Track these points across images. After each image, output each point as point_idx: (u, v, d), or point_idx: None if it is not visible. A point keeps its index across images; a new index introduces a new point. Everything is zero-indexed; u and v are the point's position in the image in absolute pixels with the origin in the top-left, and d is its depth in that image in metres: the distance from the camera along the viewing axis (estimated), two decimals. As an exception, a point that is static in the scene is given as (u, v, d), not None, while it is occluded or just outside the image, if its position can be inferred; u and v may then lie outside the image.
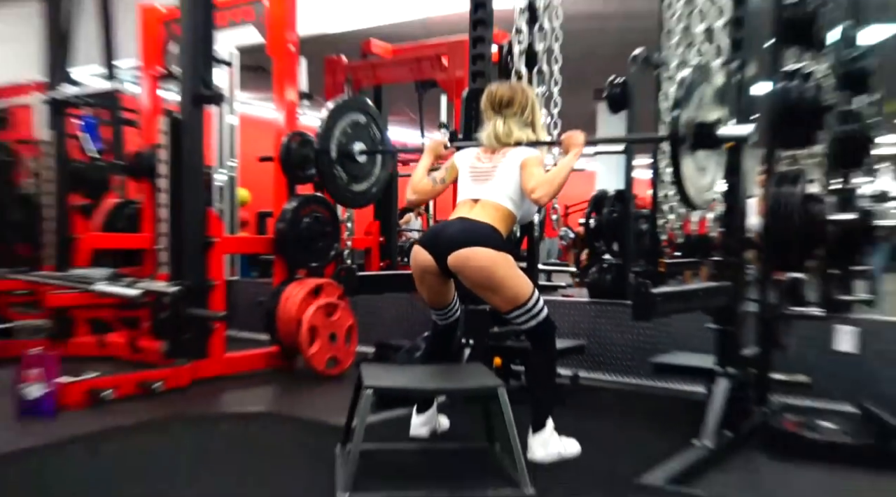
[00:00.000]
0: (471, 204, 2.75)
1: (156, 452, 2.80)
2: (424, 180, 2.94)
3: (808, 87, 3.12)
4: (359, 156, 3.56)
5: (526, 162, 2.71)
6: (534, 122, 2.90)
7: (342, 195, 3.62)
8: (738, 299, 3.01)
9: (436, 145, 3.06)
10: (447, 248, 2.60)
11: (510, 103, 2.85)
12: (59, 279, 4.12)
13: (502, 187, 2.72)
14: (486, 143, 2.85)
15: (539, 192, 2.62)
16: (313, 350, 4.15)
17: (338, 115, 3.48)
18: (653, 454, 2.71)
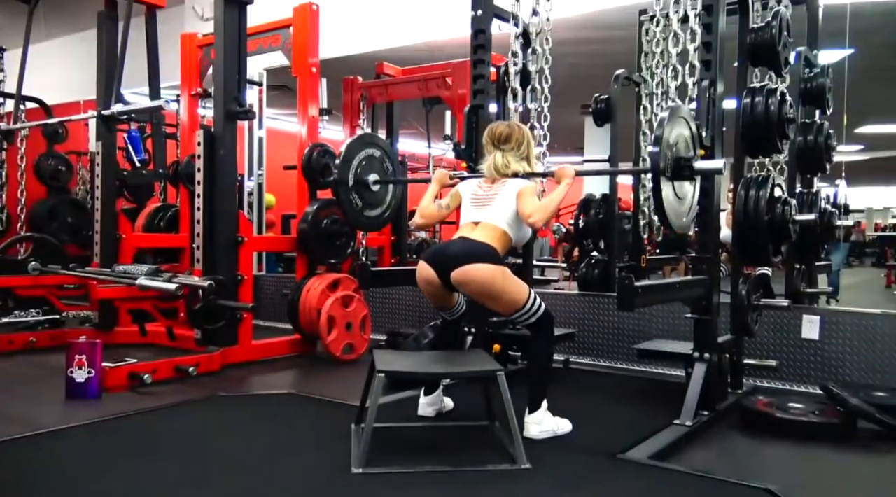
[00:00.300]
0: (471, 226, 2.75)
1: (190, 429, 2.75)
2: (431, 206, 2.95)
3: (772, 102, 3.06)
4: (373, 185, 3.56)
5: (522, 191, 2.71)
6: (528, 156, 2.90)
7: (357, 220, 3.63)
8: (713, 291, 2.93)
9: (441, 176, 3.09)
10: (450, 266, 2.59)
11: (508, 139, 2.85)
12: (105, 275, 4.06)
13: (500, 212, 2.72)
14: (486, 173, 2.86)
15: (535, 216, 2.63)
16: (331, 337, 4.10)
17: (355, 150, 3.49)
18: (637, 432, 2.66)
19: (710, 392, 2.87)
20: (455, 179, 3.10)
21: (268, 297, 5.55)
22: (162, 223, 5.33)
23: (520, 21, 3.82)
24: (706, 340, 2.92)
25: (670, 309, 3.90)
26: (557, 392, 2.88)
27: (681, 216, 2.69)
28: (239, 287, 4.04)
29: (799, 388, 3.56)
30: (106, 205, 4.71)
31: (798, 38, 3.74)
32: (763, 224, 3.03)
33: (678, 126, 2.62)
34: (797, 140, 3.88)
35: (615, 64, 4.94)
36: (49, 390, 3.26)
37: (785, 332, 3.63)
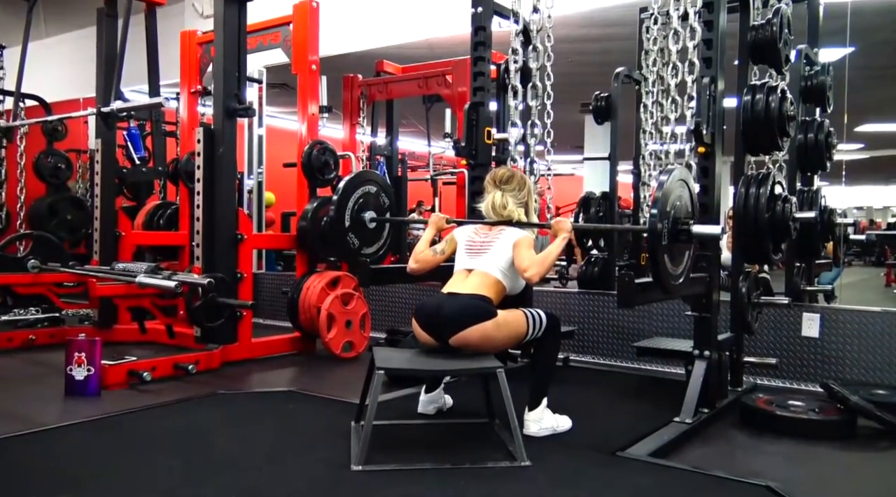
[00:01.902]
0: (465, 274, 2.71)
1: (189, 427, 2.75)
2: (426, 252, 2.93)
3: (772, 100, 3.05)
4: (369, 223, 3.55)
5: (518, 242, 2.68)
6: (528, 203, 2.89)
7: (353, 259, 3.59)
8: (713, 289, 2.93)
9: (438, 220, 3.07)
10: (446, 331, 2.53)
11: (509, 181, 2.85)
12: (105, 272, 4.06)
13: (495, 261, 2.69)
14: (484, 212, 2.85)
15: (531, 271, 2.59)
16: (331, 335, 4.09)
17: (351, 189, 3.49)
18: (637, 429, 2.66)
19: (710, 390, 2.87)
20: (452, 225, 3.09)
21: (267, 294, 5.55)
22: (161, 221, 5.32)
23: (520, 18, 3.81)
24: (706, 338, 2.92)
25: (670, 307, 3.90)
26: (557, 389, 2.86)
27: (676, 279, 2.64)
28: (238, 285, 4.03)
29: (799, 386, 3.56)
30: (105, 202, 4.71)
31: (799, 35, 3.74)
32: (763, 222, 3.02)
33: (677, 189, 2.59)
34: (797, 138, 3.87)
35: (615, 61, 4.93)
36: (48, 388, 3.26)
37: (785, 330, 3.63)
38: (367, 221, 3.54)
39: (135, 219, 5.30)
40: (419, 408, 2.85)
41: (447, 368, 2.60)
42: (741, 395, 3.14)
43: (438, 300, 2.63)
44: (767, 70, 3.70)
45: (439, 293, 2.69)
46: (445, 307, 2.57)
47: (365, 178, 3.63)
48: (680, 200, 2.62)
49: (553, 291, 4.56)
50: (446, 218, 3.10)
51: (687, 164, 3.41)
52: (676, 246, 2.60)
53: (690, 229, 2.57)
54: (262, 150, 6.46)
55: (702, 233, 2.61)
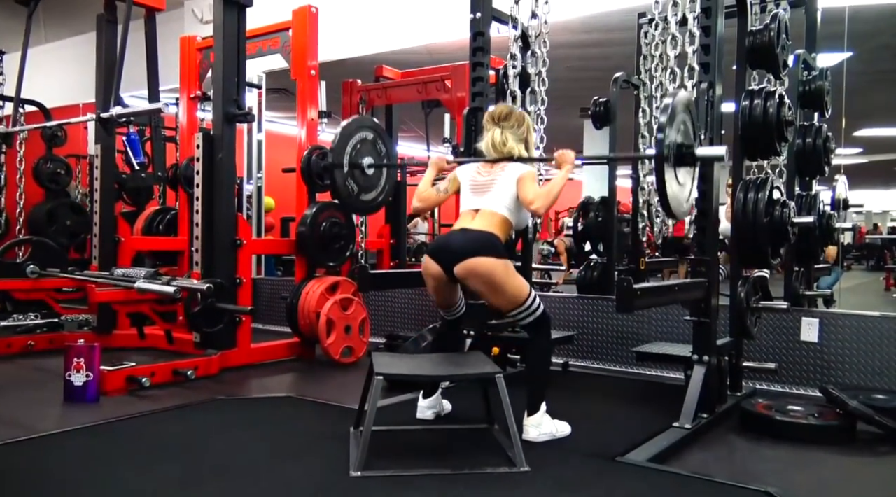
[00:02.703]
0: (472, 214, 2.72)
1: (188, 433, 2.74)
2: (429, 190, 2.93)
3: (771, 105, 3.07)
4: (368, 169, 3.53)
5: (522, 177, 2.68)
6: (527, 139, 2.87)
7: (353, 204, 3.61)
8: (712, 294, 2.93)
9: (439, 160, 3.05)
10: (454, 260, 2.59)
11: (508, 117, 2.83)
12: (104, 278, 4.06)
13: (500, 198, 2.69)
14: (484, 150, 2.83)
15: (537, 203, 2.61)
16: (330, 341, 4.09)
17: (349, 134, 3.45)
18: (636, 434, 2.65)
19: (710, 395, 2.87)
20: (453, 164, 3.06)
21: (266, 300, 5.55)
22: (161, 226, 5.32)
23: (519, 24, 3.82)
24: (705, 343, 2.92)
25: (669, 312, 3.90)
26: (556, 395, 2.87)
27: (682, 203, 2.70)
28: (238, 290, 4.03)
29: (798, 391, 3.56)
30: (105, 208, 4.71)
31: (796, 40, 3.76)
32: (762, 226, 3.03)
33: (680, 113, 2.61)
34: (796, 143, 3.88)
35: (614, 67, 4.95)
36: (47, 394, 3.26)
37: (784, 335, 3.63)
38: (366, 167, 3.54)
39: (134, 224, 5.30)
40: (418, 413, 2.85)
41: (446, 374, 2.60)
42: (741, 399, 3.14)
43: (449, 235, 2.70)
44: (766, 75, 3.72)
45: (450, 231, 2.73)
46: (456, 238, 2.64)
47: (362, 124, 3.60)
48: (684, 124, 2.65)
49: (553, 296, 4.56)
50: (446, 158, 3.07)
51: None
52: (681, 170, 2.64)
53: (695, 152, 2.61)
54: (262, 155, 6.47)
55: (706, 155, 2.67)
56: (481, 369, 2.46)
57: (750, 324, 3.28)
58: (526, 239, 3.69)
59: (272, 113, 9.41)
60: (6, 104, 6.44)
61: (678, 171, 2.65)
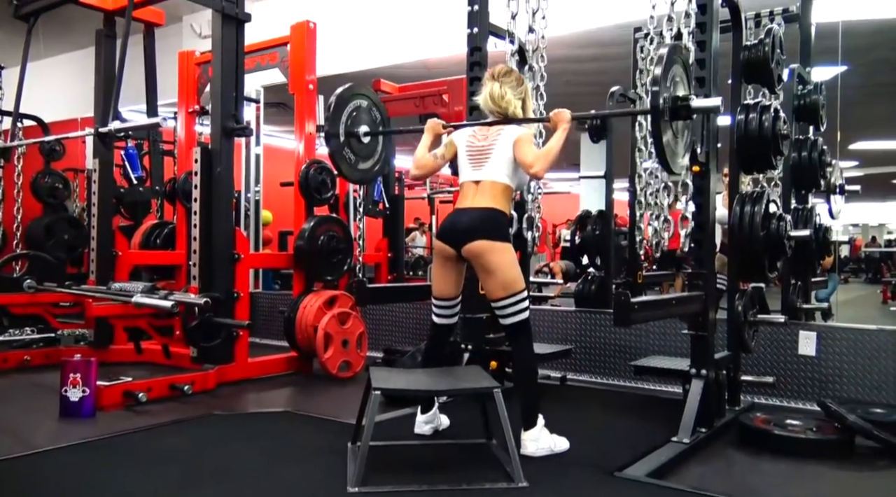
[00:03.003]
0: (473, 188, 2.74)
1: (184, 448, 2.73)
2: (426, 157, 2.92)
3: (766, 119, 3.08)
4: (364, 137, 3.54)
5: (519, 139, 2.69)
6: (525, 99, 2.87)
7: (352, 173, 3.59)
8: (710, 307, 2.94)
9: (434, 125, 3.03)
10: (461, 241, 2.66)
11: (508, 75, 2.84)
12: (101, 292, 4.05)
13: (499, 165, 2.71)
14: (481, 104, 2.84)
15: (536, 166, 2.63)
16: (328, 355, 4.08)
17: (343, 102, 3.45)
18: (634, 449, 2.64)
19: (708, 409, 2.86)
20: (448, 129, 3.03)
21: (264, 314, 5.54)
22: (158, 240, 5.32)
23: (515, 38, 3.85)
24: (703, 357, 2.91)
25: (667, 325, 3.90)
26: (554, 409, 2.86)
27: (677, 156, 2.68)
28: (235, 304, 4.02)
29: (796, 405, 3.55)
30: (102, 222, 4.70)
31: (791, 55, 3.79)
32: (759, 239, 3.04)
33: (674, 65, 2.61)
34: (791, 156, 3.91)
35: (610, 81, 4.98)
36: (43, 409, 3.24)
37: (782, 348, 3.62)
38: (361, 136, 3.54)
39: (132, 238, 5.30)
40: (415, 428, 2.84)
41: (443, 388, 2.59)
42: (739, 413, 3.13)
43: (455, 217, 2.74)
44: (761, 89, 3.74)
45: (455, 210, 2.78)
46: (463, 219, 2.69)
47: (355, 92, 3.59)
48: (679, 78, 2.64)
49: (550, 310, 4.56)
50: (442, 123, 3.05)
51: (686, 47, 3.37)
52: (677, 125, 2.63)
53: (690, 104, 2.60)
54: (260, 168, 6.48)
55: (702, 106, 2.65)
56: (479, 384, 2.46)
57: (748, 337, 3.28)
58: (525, 252, 3.70)
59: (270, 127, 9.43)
60: (4, 119, 6.46)
61: (673, 126, 2.64)
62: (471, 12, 3.56)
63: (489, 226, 2.64)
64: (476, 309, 3.38)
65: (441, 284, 2.83)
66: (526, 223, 3.68)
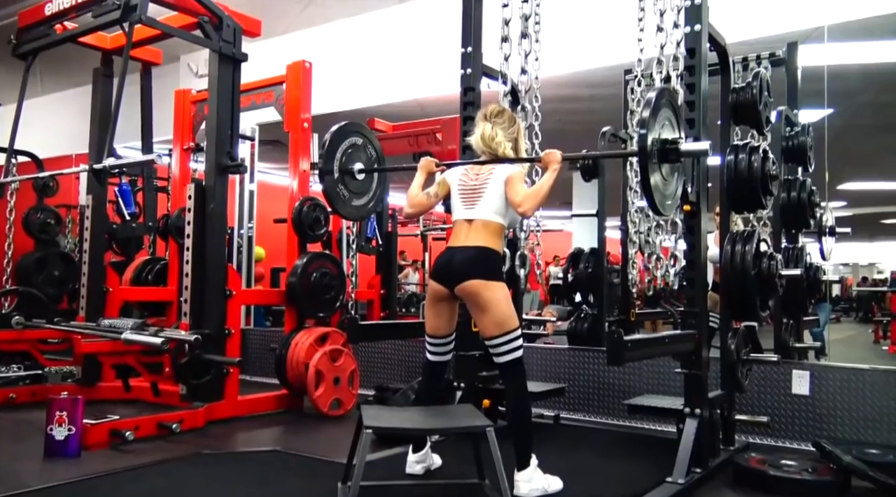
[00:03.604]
0: (466, 227, 2.75)
1: (171, 489, 2.68)
2: (419, 196, 2.94)
3: (755, 159, 3.13)
4: (358, 174, 3.57)
5: (511, 178, 2.71)
6: (517, 140, 2.91)
7: (346, 210, 3.61)
8: (703, 346, 2.94)
9: (427, 163, 3.05)
10: (455, 281, 2.68)
11: (500, 115, 2.87)
12: (91, 329, 4.01)
13: (490, 204, 2.74)
14: (473, 145, 2.87)
15: (525, 205, 2.64)
16: (319, 392, 4.04)
17: (338, 139, 3.50)
18: (629, 489, 2.62)
19: (702, 448, 2.84)
20: (441, 167, 3.06)
21: (255, 351, 5.49)
22: (150, 276, 5.29)
23: (508, 79, 3.92)
24: (697, 396, 2.90)
25: (660, 364, 3.88)
26: (547, 448, 2.83)
27: (666, 199, 2.69)
28: (226, 341, 3.99)
29: (791, 445, 3.53)
30: (94, 258, 4.69)
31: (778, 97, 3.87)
32: (750, 278, 3.06)
33: (663, 108, 2.64)
34: (781, 197, 3.96)
35: (602, 121, 5.05)
36: (28, 448, 3.18)
37: (775, 388, 3.61)
38: (356, 173, 3.55)
39: (123, 274, 5.28)
40: (407, 468, 2.80)
41: (435, 427, 2.57)
42: (734, 454, 3.11)
43: (448, 255, 2.75)
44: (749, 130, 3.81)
45: (447, 249, 2.79)
46: (455, 258, 2.71)
47: (351, 129, 3.62)
48: (669, 121, 2.66)
49: (543, 348, 4.54)
50: (435, 161, 3.07)
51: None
52: (666, 166, 2.64)
53: (679, 147, 2.61)
54: (253, 205, 6.50)
55: (691, 149, 2.66)
56: (471, 422, 2.43)
57: (741, 376, 3.27)
58: (517, 289, 3.70)
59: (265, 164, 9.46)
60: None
61: (662, 168, 2.65)
62: (464, 54, 3.63)
63: (483, 265, 2.65)
64: (469, 346, 3.37)
65: (434, 321, 2.83)
66: (519, 260, 3.70)
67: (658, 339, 2.95)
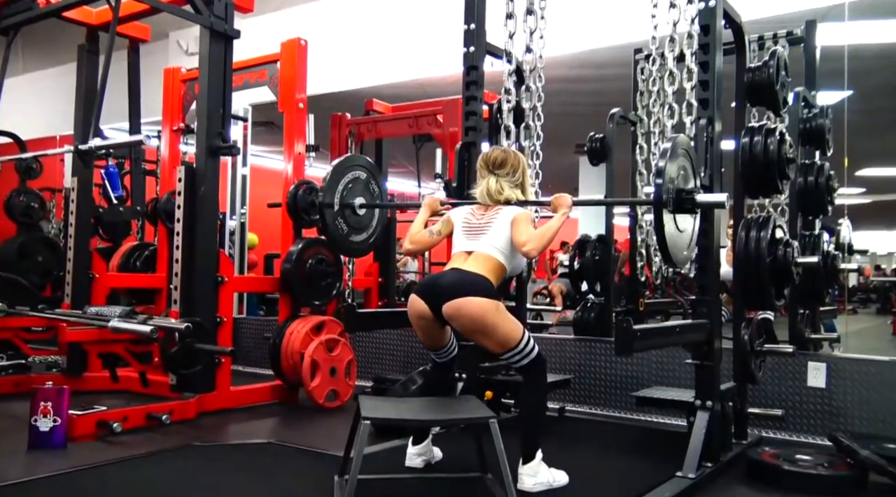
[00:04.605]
0: (464, 256, 2.73)
1: (161, 481, 2.68)
2: (422, 232, 2.94)
3: (771, 142, 3.11)
4: (359, 209, 3.57)
5: (516, 219, 2.71)
6: (523, 183, 2.92)
7: (343, 245, 3.62)
8: (715, 336, 2.93)
9: (432, 202, 3.08)
10: (441, 299, 2.58)
11: (503, 164, 2.86)
12: (76, 316, 4.01)
13: (494, 241, 2.71)
14: (479, 198, 2.86)
15: (530, 245, 2.61)
16: (314, 383, 4.05)
17: (341, 172, 3.50)
18: (637, 484, 2.61)
19: (714, 442, 2.84)
20: (446, 206, 3.09)
21: (248, 340, 5.49)
22: (138, 262, 5.29)
23: (513, 58, 3.89)
24: (708, 387, 2.90)
25: (670, 355, 3.88)
26: (553, 442, 2.84)
27: (681, 250, 2.72)
28: (218, 330, 3.99)
29: (806, 439, 3.53)
30: (80, 243, 4.68)
31: (796, 78, 3.84)
32: (765, 266, 3.04)
33: (679, 158, 2.65)
34: (798, 181, 3.94)
35: (610, 102, 5.03)
36: (11, 440, 3.18)
37: (790, 380, 3.61)
38: (357, 207, 3.56)
39: (110, 260, 5.27)
40: (407, 461, 2.80)
41: (437, 418, 2.57)
42: (746, 448, 3.12)
43: (439, 274, 2.70)
44: (765, 112, 3.79)
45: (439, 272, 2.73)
46: (446, 277, 2.65)
47: (354, 163, 3.63)
48: (684, 170, 2.67)
49: (548, 337, 4.54)
50: (440, 200, 3.09)
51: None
52: (681, 217, 2.66)
53: (695, 198, 2.63)
54: (246, 189, 6.49)
55: (707, 201, 2.69)
56: (474, 414, 2.42)
57: (754, 368, 3.27)
58: (520, 278, 3.70)
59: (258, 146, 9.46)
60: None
61: (678, 218, 2.67)
62: (467, 31, 3.60)
63: (472, 285, 2.57)
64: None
65: (427, 340, 2.79)
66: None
67: (668, 328, 2.95)
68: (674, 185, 2.59)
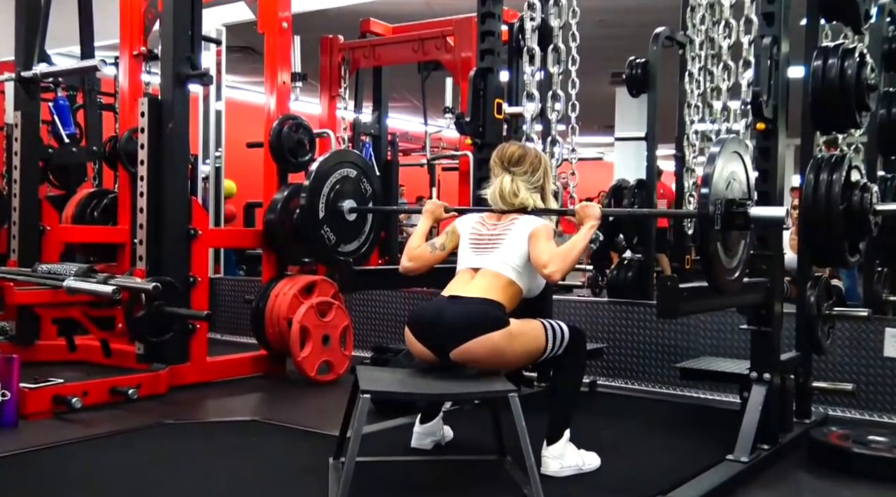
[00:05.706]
0: (470, 274, 2.68)
1: (128, 465, 2.73)
2: (422, 247, 2.90)
3: (849, 65, 3.05)
4: (348, 214, 3.53)
5: (535, 233, 2.64)
6: (544, 188, 2.87)
7: (329, 258, 3.59)
8: (775, 297, 2.92)
9: (435, 208, 3.04)
10: (446, 342, 2.52)
11: (520, 161, 2.81)
12: (25, 275, 4.05)
13: (506, 257, 2.65)
14: (490, 200, 2.82)
15: (552, 266, 2.55)
16: (304, 353, 4.09)
17: (326, 172, 3.47)
18: (680, 469, 2.64)
19: (772, 421, 2.86)
20: (452, 214, 3.05)
21: (227, 304, 5.54)
22: (96, 213, 5.32)
23: (538, -35, 3.81)
24: (766, 358, 2.91)
25: (722, 319, 3.89)
26: (583, 420, 2.86)
27: (730, 273, 2.64)
28: (191, 291, 4.02)
29: (880, 418, 3.56)
30: (26, 190, 4.69)
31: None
32: (837, 215, 3.01)
33: (731, 163, 2.59)
34: (879, 113, 3.89)
35: (654, 21, 4.95)
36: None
37: (863, 349, 3.62)
38: (346, 212, 3.54)
39: (63, 210, 5.29)
40: (413, 441, 2.83)
41: (448, 392, 2.59)
42: (809, 428, 3.14)
43: (438, 305, 2.62)
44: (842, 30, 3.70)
45: (439, 297, 2.67)
46: (447, 313, 2.55)
47: (342, 159, 3.64)
48: (735, 178, 2.62)
49: (577, 301, 4.56)
50: (444, 206, 3.07)
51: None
52: (731, 234, 2.60)
53: (748, 212, 2.57)
54: (221, 128, 6.48)
55: (763, 216, 2.60)
56: (491, 387, 2.44)
57: (821, 335, 3.27)
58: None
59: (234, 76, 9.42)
60: None
61: (727, 235, 2.60)
62: (483, -69, 3.52)
63: (480, 319, 2.49)
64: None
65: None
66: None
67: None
68: (724, 195, 2.51)
